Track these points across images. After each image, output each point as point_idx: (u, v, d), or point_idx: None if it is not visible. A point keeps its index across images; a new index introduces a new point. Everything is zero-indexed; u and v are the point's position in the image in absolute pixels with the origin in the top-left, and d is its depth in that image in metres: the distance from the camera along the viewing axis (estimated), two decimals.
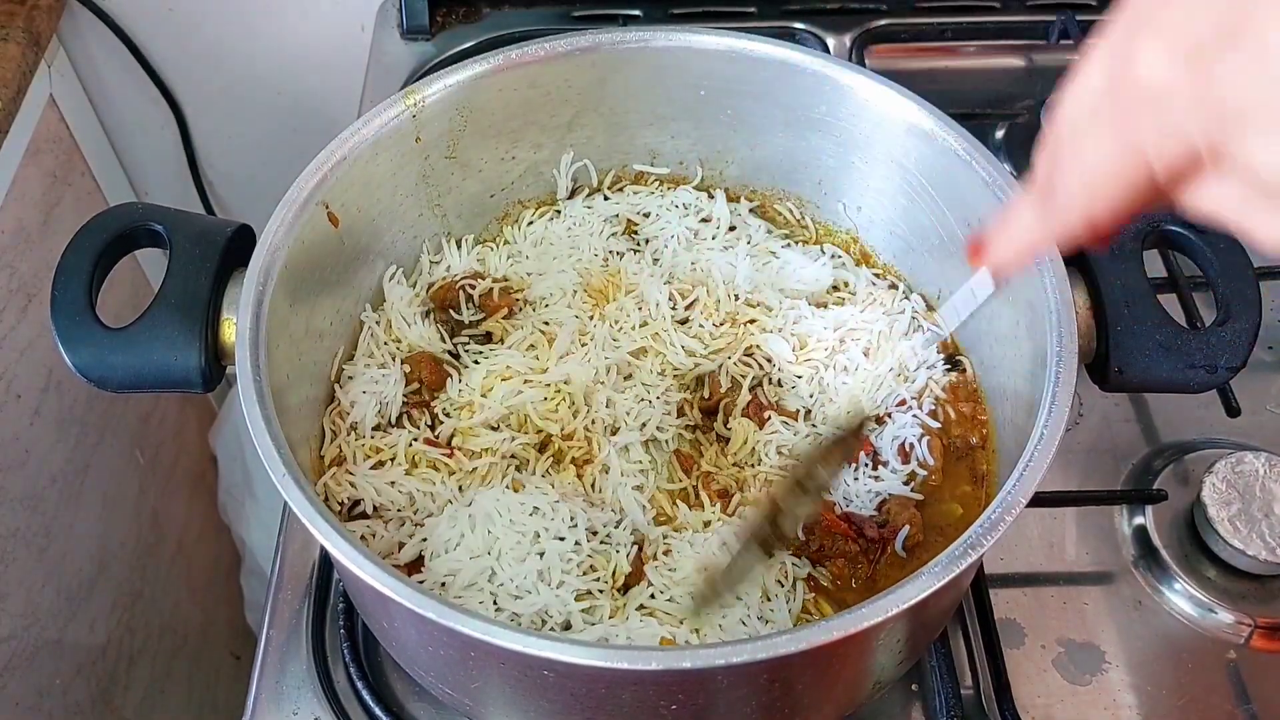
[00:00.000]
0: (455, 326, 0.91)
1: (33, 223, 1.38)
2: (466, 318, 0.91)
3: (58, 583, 1.43)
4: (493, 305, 0.91)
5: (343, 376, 0.87)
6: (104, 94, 1.54)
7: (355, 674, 0.83)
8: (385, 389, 0.85)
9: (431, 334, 0.90)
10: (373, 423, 0.84)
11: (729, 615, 0.74)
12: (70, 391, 1.44)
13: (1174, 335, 0.75)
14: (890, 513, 0.80)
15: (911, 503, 0.81)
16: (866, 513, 0.81)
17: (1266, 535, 0.87)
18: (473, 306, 0.91)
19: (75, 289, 0.75)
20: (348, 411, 0.85)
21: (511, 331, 0.89)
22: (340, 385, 0.86)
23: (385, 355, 0.88)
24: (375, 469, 0.82)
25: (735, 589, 0.73)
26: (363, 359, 0.88)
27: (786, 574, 0.77)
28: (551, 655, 0.59)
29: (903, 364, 0.86)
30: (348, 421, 0.84)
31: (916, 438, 0.83)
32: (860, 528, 0.80)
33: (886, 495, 0.81)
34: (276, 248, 0.76)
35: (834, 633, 0.59)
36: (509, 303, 0.91)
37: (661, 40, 0.90)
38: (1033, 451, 0.66)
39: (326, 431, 0.85)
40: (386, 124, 0.85)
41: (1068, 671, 0.86)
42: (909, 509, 0.80)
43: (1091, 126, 0.42)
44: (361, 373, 0.86)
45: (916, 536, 0.79)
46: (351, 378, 0.87)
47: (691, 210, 0.97)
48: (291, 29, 1.48)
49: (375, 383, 0.85)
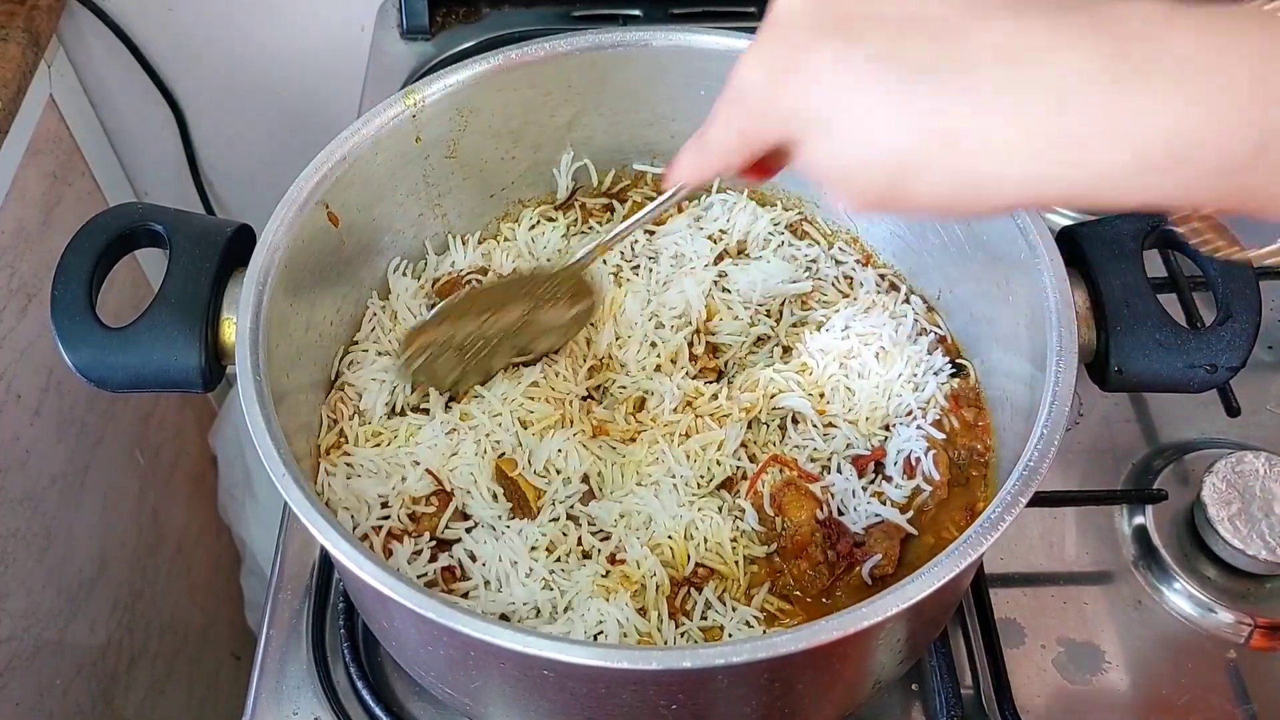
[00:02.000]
0: None
1: (33, 223, 1.38)
2: None
3: (58, 583, 1.43)
4: None
5: (347, 361, 0.87)
6: (104, 94, 1.54)
7: (355, 674, 0.83)
8: (396, 378, 0.85)
9: None
10: (382, 411, 0.84)
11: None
12: (70, 391, 1.45)
13: (1174, 335, 0.75)
14: (871, 537, 0.78)
15: (898, 535, 0.78)
16: (855, 528, 0.79)
17: (1266, 535, 0.87)
18: None
19: (75, 289, 0.75)
20: (351, 398, 0.84)
21: None
22: (347, 370, 0.86)
23: (391, 342, 0.88)
24: (375, 449, 0.82)
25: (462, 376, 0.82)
26: (371, 345, 0.88)
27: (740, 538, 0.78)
28: (551, 655, 0.59)
29: (913, 369, 0.85)
30: (351, 407, 0.84)
31: (923, 451, 0.81)
32: (835, 538, 0.78)
33: (881, 520, 0.79)
34: (276, 247, 0.76)
35: (834, 632, 0.59)
36: None
37: (661, 40, 0.90)
38: (1033, 451, 0.66)
39: (325, 419, 0.84)
40: (386, 124, 0.85)
41: (1068, 671, 0.86)
42: (892, 540, 0.78)
43: (726, 105, 0.57)
44: (371, 360, 0.86)
45: (886, 569, 0.77)
46: (355, 362, 0.87)
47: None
48: (291, 29, 1.48)
49: (385, 371, 0.85)
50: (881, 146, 0.49)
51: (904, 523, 0.79)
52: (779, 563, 0.79)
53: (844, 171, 0.51)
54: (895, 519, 0.79)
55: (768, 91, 0.53)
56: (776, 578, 0.78)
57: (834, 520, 0.79)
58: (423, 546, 0.77)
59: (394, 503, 0.79)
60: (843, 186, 0.52)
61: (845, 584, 0.78)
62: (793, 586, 0.78)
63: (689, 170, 0.63)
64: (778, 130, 0.54)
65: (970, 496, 0.82)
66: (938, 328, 0.90)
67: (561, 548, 0.77)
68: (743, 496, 0.80)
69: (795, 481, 0.80)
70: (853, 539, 0.79)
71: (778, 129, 0.53)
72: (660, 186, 0.98)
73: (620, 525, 0.78)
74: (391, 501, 0.79)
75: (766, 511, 0.80)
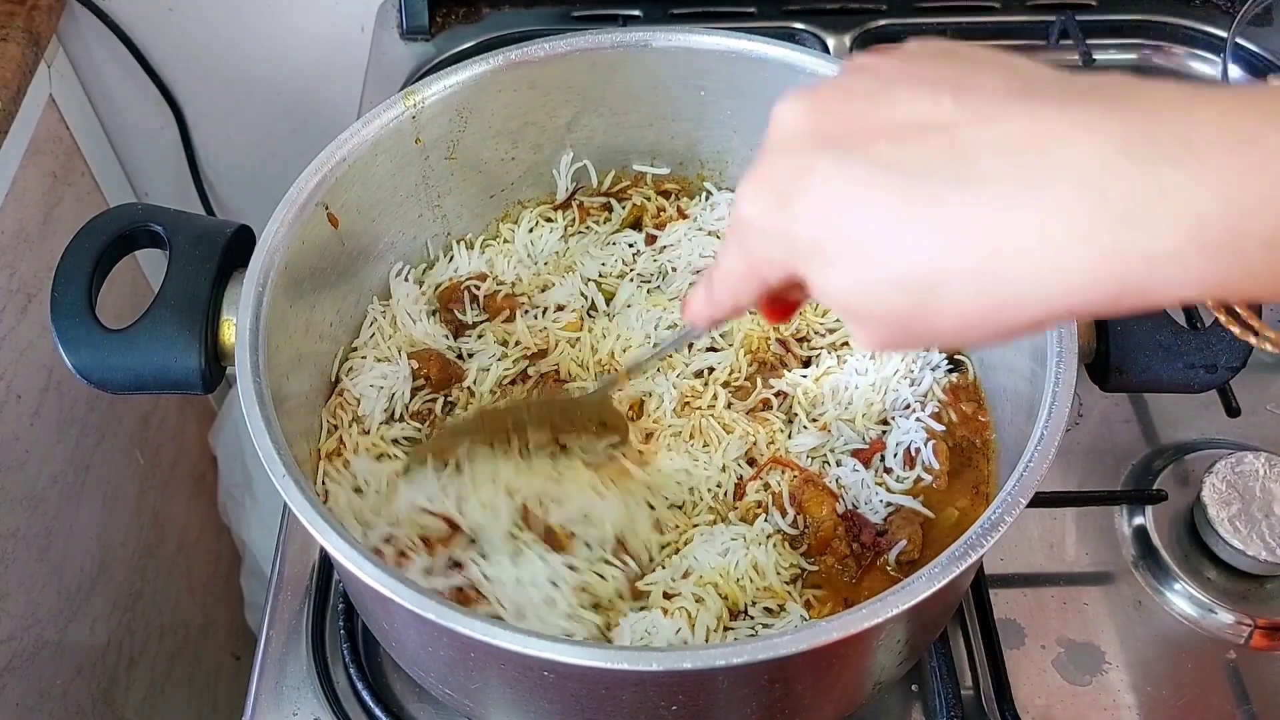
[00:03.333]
0: (459, 327, 0.91)
1: (33, 223, 1.38)
2: (470, 318, 0.91)
3: (58, 583, 1.43)
4: (495, 307, 0.91)
5: (346, 368, 0.87)
6: (104, 94, 1.54)
7: (355, 674, 0.83)
8: (394, 384, 0.85)
9: (436, 331, 0.90)
10: (380, 419, 0.84)
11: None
12: (70, 392, 1.45)
13: (1174, 335, 0.75)
14: (893, 525, 0.80)
15: (918, 519, 0.80)
16: (875, 518, 0.81)
17: (1266, 535, 0.87)
18: (477, 307, 0.91)
19: (75, 290, 0.75)
20: (350, 404, 0.85)
21: (510, 336, 0.89)
22: (346, 376, 0.86)
23: (391, 348, 0.88)
24: (377, 460, 0.82)
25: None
26: (370, 351, 0.88)
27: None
28: (552, 656, 0.59)
29: (908, 364, 0.86)
30: (350, 414, 0.84)
31: (923, 441, 0.82)
32: (858, 530, 0.79)
33: (899, 507, 0.81)
34: (276, 248, 0.76)
35: (834, 633, 0.59)
36: (512, 305, 0.91)
37: (661, 40, 0.90)
38: (1033, 452, 0.66)
39: (325, 424, 0.84)
40: (386, 125, 0.85)
41: (1068, 671, 0.86)
42: (913, 525, 0.79)
43: (728, 239, 0.52)
44: (370, 366, 0.86)
45: (912, 554, 0.78)
46: (354, 369, 0.86)
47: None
48: (291, 29, 1.48)
49: (384, 378, 0.85)
50: (894, 266, 0.43)
51: (919, 506, 0.80)
52: (806, 560, 0.79)
53: (857, 303, 0.45)
54: (911, 504, 0.80)
55: (765, 221, 0.47)
56: (806, 575, 0.79)
57: (853, 513, 0.80)
58: (434, 565, 0.76)
59: (402, 522, 0.77)
60: (858, 321, 0.47)
61: (874, 573, 0.79)
62: (823, 581, 0.79)
63: (697, 310, 0.58)
64: (781, 263, 0.48)
65: (976, 476, 0.83)
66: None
67: (601, 591, 0.75)
68: (772, 511, 0.80)
69: (813, 479, 0.81)
70: (875, 529, 0.80)
71: (780, 261, 0.48)
72: (661, 186, 0.99)
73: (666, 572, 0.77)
74: (401, 521, 0.77)
75: (787, 510, 0.80)
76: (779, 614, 0.76)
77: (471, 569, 0.74)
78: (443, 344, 0.90)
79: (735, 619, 0.76)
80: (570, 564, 0.75)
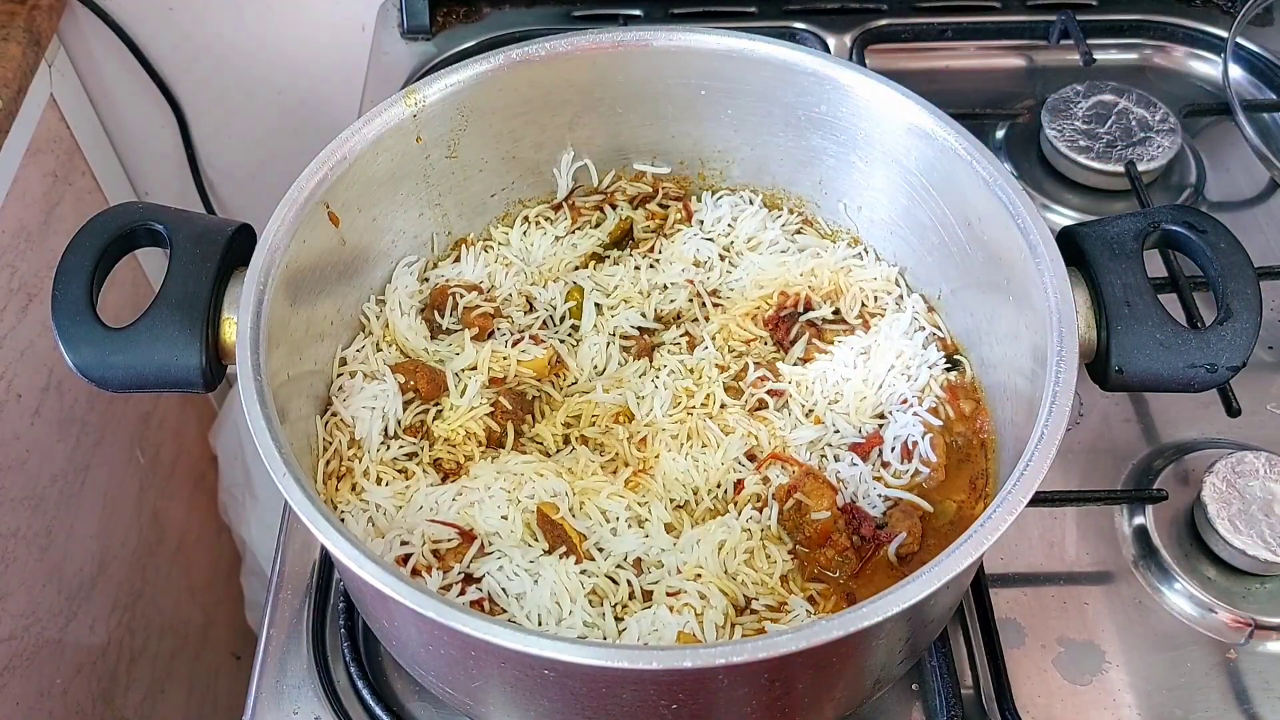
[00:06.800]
0: (434, 329, 0.91)
1: (33, 223, 1.38)
2: (446, 324, 0.91)
3: (58, 583, 1.43)
4: (470, 321, 0.90)
5: (335, 387, 0.86)
6: (104, 94, 1.54)
7: (355, 674, 0.83)
8: (385, 403, 0.84)
9: (419, 328, 0.90)
10: (378, 440, 0.84)
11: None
12: (70, 391, 1.45)
13: (1174, 335, 0.75)
14: (892, 518, 0.80)
15: (917, 512, 0.80)
16: (874, 511, 0.81)
17: (1266, 535, 0.87)
18: (455, 315, 0.91)
19: (76, 289, 0.75)
20: (346, 425, 0.84)
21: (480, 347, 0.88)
22: (336, 397, 0.86)
23: (379, 362, 0.87)
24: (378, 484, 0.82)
25: None
26: (359, 367, 0.87)
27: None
28: (552, 655, 0.59)
29: (904, 361, 0.86)
30: (346, 434, 0.84)
31: (920, 435, 0.83)
32: (858, 524, 0.80)
33: (898, 500, 0.81)
34: (277, 247, 0.76)
35: (835, 631, 0.59)
36: (486, 325, 0.90)
37: (661, 40, 0.90)
38: (1033, 451, 0.66)
39: (321, 438, 0.84)
40: (387, 124, 0.85)
41: (1068, 671, 0.86)
42: (912, 518, 0.80)
43: None
44: (360, 387, 0.85)
45: (912, 547, 0.79)
46: (344, 389, 0.86)
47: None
48: (292, 29, 1.48)
49: (375, 398, 0.85)
50: None
51: (918, 499, 0.80)
52: (805, 553, 0.79)
53: None
54: (910, 497, 0.80)
55: None
56: (806, 567, 0.79)
57: (853, 506, 0.81)
58: (451, 581, 0.76)
59: (415, 540, 0.77)
60: None
61: (874, 565, 0.79)
62: (823, 573, 0.79)
63: None
64: None
65: (974, 470, 0.83)
66: (937, 328, 0.90)
67: (613, 597, 0.76)
68: (771, 504, 0.80)
69: (813, 472, 0.81)
70: (874, 522, 0.80)
71: None
72: (660, 185, 0.98)
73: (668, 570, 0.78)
74: (413, 540, 0.77)
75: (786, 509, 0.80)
76: (782, 610, 0.76)
77: (488, 582, 0.75)
78: (421, 344, 0.89)
79: (740, 615, 0.76)
80: (584, 570, 0.76)
